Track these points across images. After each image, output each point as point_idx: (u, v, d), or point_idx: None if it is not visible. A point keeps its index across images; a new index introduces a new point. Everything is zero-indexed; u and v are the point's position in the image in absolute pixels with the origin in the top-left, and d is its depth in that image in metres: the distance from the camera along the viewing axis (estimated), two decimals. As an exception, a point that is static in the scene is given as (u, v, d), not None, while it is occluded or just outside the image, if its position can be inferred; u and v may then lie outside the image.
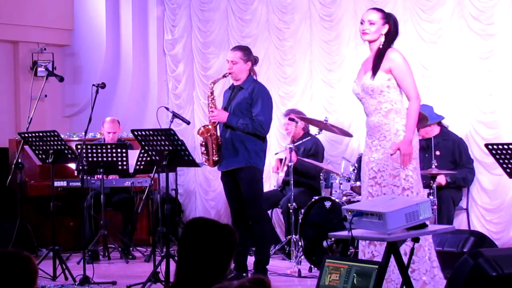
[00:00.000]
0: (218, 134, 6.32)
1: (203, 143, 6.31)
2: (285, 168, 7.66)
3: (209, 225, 2.97)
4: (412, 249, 4.28)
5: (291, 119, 7.49)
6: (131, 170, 7.64)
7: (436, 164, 6.56)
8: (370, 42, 5.14)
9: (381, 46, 5.08)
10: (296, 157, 7.42)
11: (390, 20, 5.12)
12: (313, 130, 7.71)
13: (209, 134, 6.25)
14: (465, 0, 7.26)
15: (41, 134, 6.74)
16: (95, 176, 7.75)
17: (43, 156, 6.83)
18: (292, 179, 6.95)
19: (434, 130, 7.08)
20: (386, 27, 5.09)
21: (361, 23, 5.15)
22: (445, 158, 6.98)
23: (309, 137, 7.54)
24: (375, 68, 5.01)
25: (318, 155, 7.71)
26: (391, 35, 5.11)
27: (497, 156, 5.24)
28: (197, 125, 9.15)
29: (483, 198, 7.16)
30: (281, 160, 7.79)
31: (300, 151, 7.65)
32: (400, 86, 5.06)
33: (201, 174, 9.51)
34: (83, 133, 6.60)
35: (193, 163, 6.27)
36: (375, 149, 5.08)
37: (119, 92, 10.01)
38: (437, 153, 6.98)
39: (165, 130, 6.12)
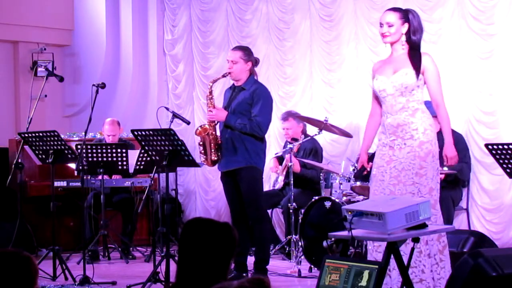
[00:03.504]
0: (218, 134, 6.32)
1: (201, 143, 6.31)
2: (284, 172, 7.70)
3: (208, 224, 2.97)
4: (412, 249, 4.27)
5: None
6: (131, 170, 7.64)
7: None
8: (392, 43, 5.12)
9: (403, 45, 5.07)
10: (299, 167, 7.46)
11: (408, 17, 5.08)
12: (312, 130, 7.71)
13: (206, 134, 6.24)
14: (465, 0, 7.26)
15: (41, 134, 6.74)
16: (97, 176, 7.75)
17: (43, 156, 6.83)
18: (292, 179, 6.95)
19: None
20: (406, 25, 5.06)
21: (380, 25, 5.12)
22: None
23: (307, 138, 7.51)
24: (417, 68, 5.01)
25: (318, 156, 7.72)
26: (416, 31, 5.07)
27: (497, 156, 5.23)
28: (197, 125, 9.14)
29: (483, 198, 7.16)
30: (278, 159, 7.80)
31: (299, 153, 7.65)
32: (430, 89, 5.08)
33: (201, 174, 9.51)
34: (83, 133, 6.59)
35: (193, 163, 6.26)
36: (398, 148, 5.04)
37: (119, 92, 10.01)
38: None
39: (165, 130, 6.12)
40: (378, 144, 5.23)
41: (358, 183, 6.62)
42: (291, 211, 6.97)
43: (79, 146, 7.06)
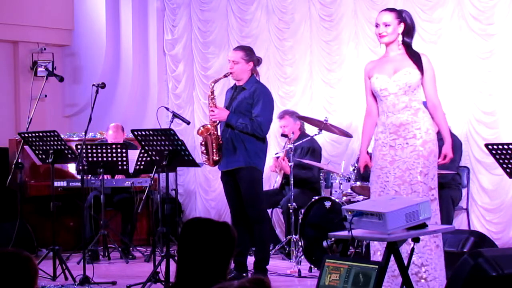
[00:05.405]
0: (219, 133, 6.32)
1: (203, 143, 6.31)
2: (282, 172, 7.69)
3: (207, 224, 2.97)
4: (412, 249, 4.27)
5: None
6: (131, 170, 7.64)
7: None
8: (388, 44, 5.12)
9: (399, 46, 5.08)
10: (288, 169, 7.46)
11: (403, 17, 5.09)
12: (312, 130, 7.70)
13: (208, 133, 6.24)
14: (465, 0, 7.26)
15: (41, 134, 6.74)
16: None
17: (43, 156, 6.83)
18: (292, 179, 6.95)
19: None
20: (402, 25, 5.07)
21: (376, 26, 5.12)
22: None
23: (306, 138, 7.49)
24: (420, 67, 5.03)
25: (315, 153, 7.69)
26: (409, 30, 5.09)
27: (497, 156, 5.23)
28: (197, 125, 9.14)
29: (483, 198, 7.17)
30: (278, 159, 7.80)
31: (297, 152, 7.63)
32: (427, 91, 5.09)
33: (201, 174, 9.51)
34: (83, 133, 6.60)
35: (193, 163, 6.26)
36: (400, 147, 5.02)
37: (119, 92, 10.01)
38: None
39: (165, 130, 6.12)
40: (376, 144, 5.17)
41: (358, 183, 6.62)
42: (291, 211, 6.97)
43: (79, 146, 7.06)
